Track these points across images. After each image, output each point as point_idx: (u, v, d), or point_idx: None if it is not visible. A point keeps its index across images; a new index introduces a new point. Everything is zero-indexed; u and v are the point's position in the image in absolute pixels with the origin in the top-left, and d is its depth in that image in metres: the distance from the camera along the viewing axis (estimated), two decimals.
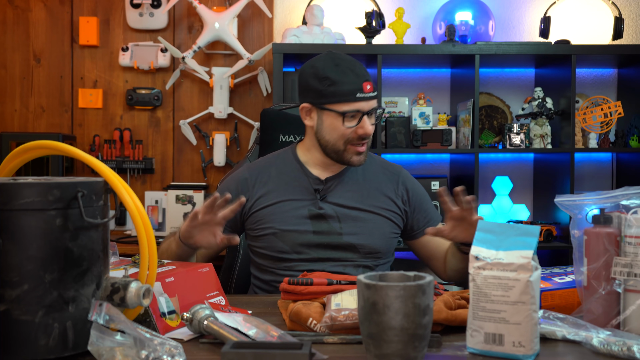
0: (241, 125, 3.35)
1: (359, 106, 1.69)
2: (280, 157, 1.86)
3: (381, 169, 1.86)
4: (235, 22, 3.26)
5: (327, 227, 1.75)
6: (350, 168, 1.81)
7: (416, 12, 3.36)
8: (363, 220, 1.76)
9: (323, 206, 1.76)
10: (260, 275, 1.80)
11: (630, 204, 1.18)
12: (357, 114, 1.69)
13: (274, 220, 1.75)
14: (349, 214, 1.76)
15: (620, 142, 3.16)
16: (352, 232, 1.75)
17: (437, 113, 3.27)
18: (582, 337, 1.11)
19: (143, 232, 1.08)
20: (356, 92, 1.68)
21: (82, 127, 3.34)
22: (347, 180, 1.80)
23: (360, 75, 1.70)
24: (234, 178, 1.85)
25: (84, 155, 1.08)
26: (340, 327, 1.18)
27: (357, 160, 1.74)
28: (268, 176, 1.81)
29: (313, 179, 1.79)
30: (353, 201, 1.77)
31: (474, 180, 2.99)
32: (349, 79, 1.69)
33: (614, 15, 3.21)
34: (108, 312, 1.02)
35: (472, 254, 1.10)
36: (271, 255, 1.76)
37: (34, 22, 3.32)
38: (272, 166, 1.84)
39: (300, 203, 1.76)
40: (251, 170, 1.84)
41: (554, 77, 3.17)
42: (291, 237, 1.73)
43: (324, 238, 1.74)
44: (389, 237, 1.80)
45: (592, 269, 1.19)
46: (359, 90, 1.69)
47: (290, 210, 1.75)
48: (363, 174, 1.83)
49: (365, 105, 1.70)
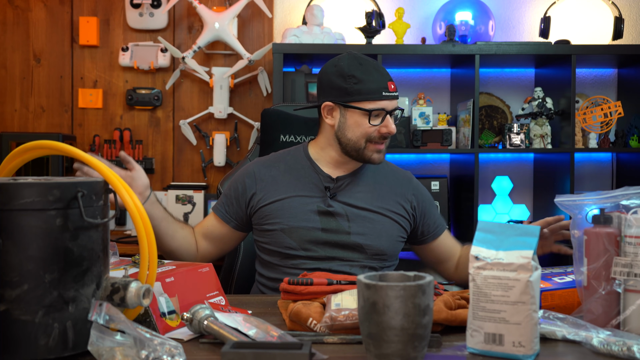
0: (241, 125, 3.35)
1: (384, 104, 1.72)
2: (290, 154, 1.86)
3: (392, 173, 1.88)
4: (235, 22, 3.26)
5: (336, 225, 1.75)
6: (362, 169, 1.82)
7: (416, 12, 3.36)
8: (372, 221, 1.76)
9: (332, 204, 1.76)
10: (265, 272, 1.79)
11: (630, 204, 1.18)
12: (381, 113, 1.72)
13: (282, 215, 1.75)
14: (358, 213, 1.76)
15: (620, 142, 3.16)
16: (360, 232, 1.75)
17: (437, 113, 3.27)
18: (582, 337, 1.11)
19: (143, 232, 1.08)
20: (382, 91, 1.71)
21: (82, 127, 3.34)
22: (358, 181, 1.81)
23: (384, 74, 1.73)
24: (243, 171, 1.85)
25: (84, 155, 1.08)
26: (340, 327, 1.18)
27: (378, 157, 1.76)
28: (277, 171, 1.81)
29: (324, 176, 1.79)
30: (363, 202, 1.78)
31: (474, 180, 2.99)
32: (375, 77, 1.71)
33: (614, 15, 3.21)
34: (108, 312, 1.02)
35: (472, 254, 1.10)
36: (278, 251, 1.75)
37: (34, 22, 3.32)
38: (281, 162, 1.84)
39: (310, 199, 1.76)
40: (260, 165, 1.84)
41: (554, 77, 3.17)
42: (299, 234, 1.73)
43: (332, 236, 1.74)
44: (396, 240, 1.81)
45: (592, 269, 1.19)
46: (385, 88, 1.71)
47: (299, 206, 1.75)
48: (374, 177, 1.83)
49: (389, 104, 1.73)
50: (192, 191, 3.10)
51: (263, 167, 1.83)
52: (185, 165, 3.36)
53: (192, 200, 3.08)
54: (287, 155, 1.86)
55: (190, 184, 3.20)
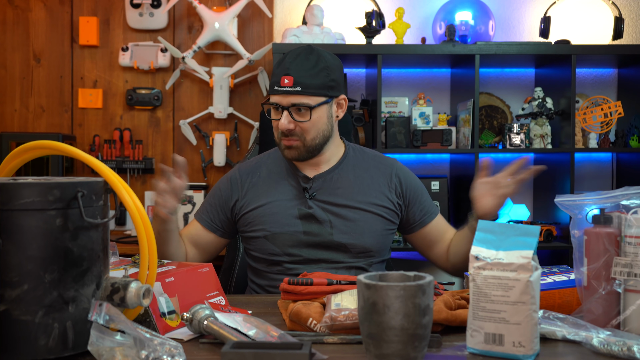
0: (241, 125, 3.35)
1: (276, 99, 1.69)
2: (271, 157, 1.84)
3: (374, 162, 1.83)
4: (235, 22, 3.26)
5: (317, 227, 1.72)
6: (340, 164, 1.79)
7: (416, 12, 3.36)
8: (353, 219, 1.74)
9: (312, 205, 1.74)
10: (255, 279, 1.79)
11: (630, 204, 1.18)
12: (278, 107, 1.69)
13: (265, 222, 1.73)
14: (339, 212, 1.74)
15: (620, 142, 3.16)
16: (343, 231, 1.73)
17: (437, 113, 3.27)
18: (582, 337, 1.11)
19: (143, 232, 1.08)
20: (274, 85, 1.69)
21: (82, 127, 3.34)
22: (337, 178, 1.78)
23: (283, 68, 1.69)
24: (226, 178, 1.84)
25: (84, 155, 1.08)
26: (340, 327, 1.18)
27: (288, 153, 1.73)
28: (258, 177, 1.80)
29: (302, 177, 1.77)
30: (343, 198, 1.75)
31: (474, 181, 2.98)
32: (276, 71, 1.70)
33: (614, 15, 3.21)
34: (108, 312, 1.02)
35: (472, 254, 1.10)
36: (264, 258, 1.75)
37: (34, 22, 3.32)
38: (262, 166, 1.82)
39: (290, 203, 1.74)
40: (242, 171, 1.83)
41: (554, 77, 3.17)
42: (282, 239, 1.72)
43: (314, 238, 1.72)
44: (381, 234, 1.77)
45: (592, 269, 1.19)
46: (277, 82, 1.68)
47: (280, 212, 1.73)
48: (354, 171, 1.80)
49: (282, 99, 1.68)
50: (192, 191, 3.10)
51: (245, 174, 1.81)
52: None
53: (192, 200, 3.09)
54: (268, 159, 1.84)
55: (191, 184, 3.20)
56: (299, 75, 1.67)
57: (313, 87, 1.68)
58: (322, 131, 1.73)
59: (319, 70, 1.69)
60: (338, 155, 1.81)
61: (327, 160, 1.79)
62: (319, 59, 1.69)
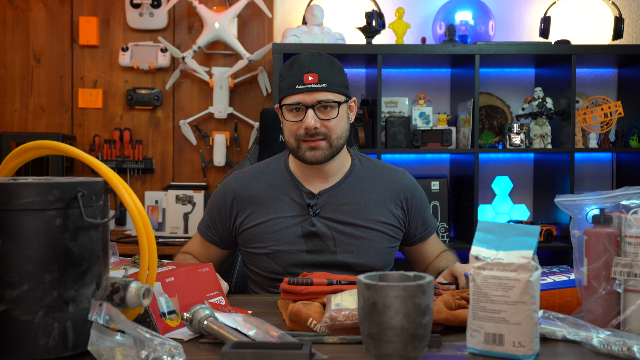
0: (241, 125, 3.35)
1: (299, 98, 1.63)
2: (270, 167, 1.77)
3: (381, 175, 1.77)
4: (235, 22, 3.26)
5: (321, 246, 1.68)
6: (346, 178, 1.73)
7: (416, 12, 3.36)
8: (358, 238, 1.69)
9: (316, 223, 1.68)
10: (257, 290, 1.78)
11: (630, 204, 1.18)
12: (301, 107, 1.63)
13: (266, 239, 1.69)
14: (343, 230, 1.68)
15: (620, 142, 3.16)
16: (346, 251, 1.68)
17: (437, 113, 3.27)
18: (582, 337, 1.11)
19: (143, 232, 1.07)
20: (295, 84, 1.63)
21: (82, 127, 3.34)
22: (342, 193, 1.71)
23: (303, 67, 1.63)
24: (223, 191, 1.76)
25: (84, 155, 1.08)
26: (340, 327, 1.18)
27: (311, 156, 1.65)
28: (257, 189, 1.73)
29: (306, 192, 1.71)
30: (348, 215, 1.69)
31: (474, 180, 2.99)
32: (293, 72, 1.64)
33: (614, 15, 3.21)
34: (108, 312, 1.02)
35: (472, 254, 1.10)
36: (265, 275, 1.72)
37: (34, 22, 3.32)
38: (261, 177, 1.75)
39: (293, 220, 1.69)
40: (239, 183, 1.75)
41: (554, 77, 3.17)
42: (284, 258, 1.68)
43: (317, 257, 1.68)
44: (385, 252, 1.73)
45: (592, 269, 1.19)
46: (299, 81, 1.62)
47: (283, 230, 1.68)
48: (360, 185, 1.73)
49: (306, 97, 1.62)
50: (192, 191, 3.10)
51: (242, 186, 1.74)
52: (185, 165, 3.36)
53: (192, 200, 3.08)
54: (267, 168, 1.77)
55: (190, 184, 3.20)
56: (323, 72, 1.63)
57: (336, 84, 1.65)
58: (344, 131, 1.68)
59: (337, 70, 1.67)
60: (345, 167, 1.76)
61: (338, 169, 1.73)
62: (331, 60, 1.68)
